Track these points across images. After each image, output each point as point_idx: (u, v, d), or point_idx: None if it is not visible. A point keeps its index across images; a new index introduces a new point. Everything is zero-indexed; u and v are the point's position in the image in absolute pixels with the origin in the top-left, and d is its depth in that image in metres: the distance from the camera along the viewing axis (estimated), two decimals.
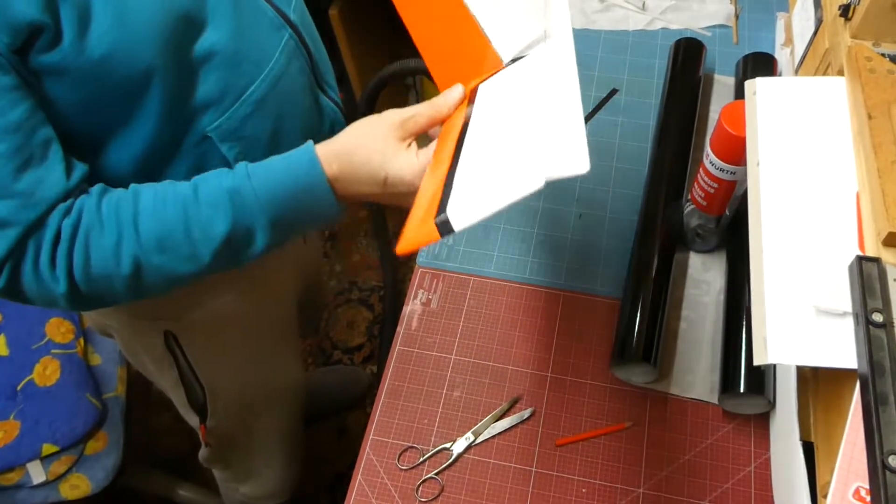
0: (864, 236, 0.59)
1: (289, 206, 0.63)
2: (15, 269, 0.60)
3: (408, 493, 0.79)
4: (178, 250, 0.62)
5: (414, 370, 0.87)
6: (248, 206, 0.62)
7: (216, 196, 0.62)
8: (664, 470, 0.78)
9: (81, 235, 0.61)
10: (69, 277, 0.61)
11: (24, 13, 0.54)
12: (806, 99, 0.70)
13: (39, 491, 1.13)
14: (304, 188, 0.62)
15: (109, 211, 0.62)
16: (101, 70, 0.60)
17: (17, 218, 0.59)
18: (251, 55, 0.72)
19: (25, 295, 0.63)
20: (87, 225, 0.61)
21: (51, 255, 0.60)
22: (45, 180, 0.60)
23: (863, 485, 0.51)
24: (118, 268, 0.62)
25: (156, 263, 0.63)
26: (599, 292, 0.92)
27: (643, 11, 1.22)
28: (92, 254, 0.61)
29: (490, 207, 0.45)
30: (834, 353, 0.56)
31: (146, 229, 0.62)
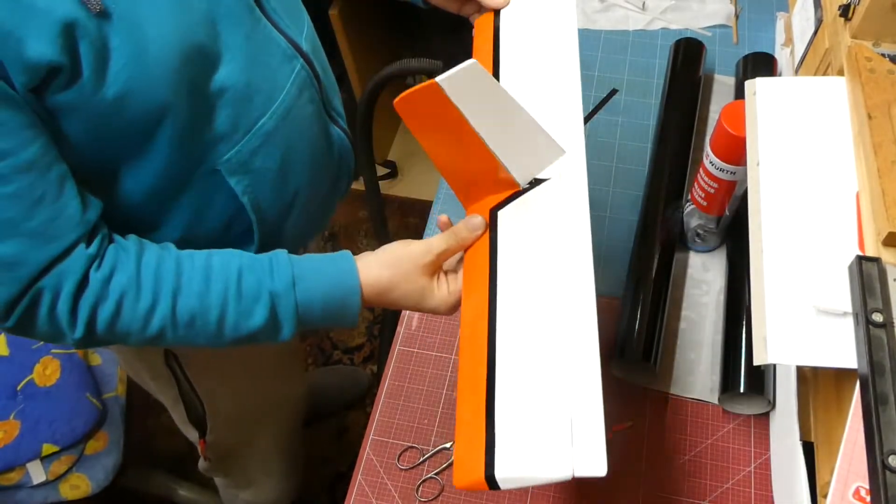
0: (864, 236, 0.59)
1: (319, 317, 0.66)
2: (29, 310, 0.58)
3: (408, 493, 0.79)
4: (206, 329, 0.63)
5: (414, 370, 0.87)
6: (284, 311, 0.64)
7: (258, 292, 0.63)
8: (664, 470, 0.78)
9: (114, 294, 0.60)
10: (89, 327, 0.60)
11: (42, 54, 0.52)
12: (806, 99, 0.70)
13: (39, 491, 1.13)
14: (339, 307, 0.66)
15: (148, 276, 0.61)
16: (116, 107, 0.59)
17: (30, 257, 0.57)
18: (263, 87, 0.71)
19: (32, 334, 0.61)
20: (123, 286, 0.60)
21: (72, 302, 0.59)
22: (60, 217, 0.58)
23: (863, 485, 0.51)
24: (143, 331, 0.62)
25: (180, 335, 0.63)
26: (599, 292, 0.91)
27: (643, 11, 1.22)
28: (123, 314, 0.61)
29: (528, 481, 0.53)
30: (834, 353, 0.56)
31: (183, 306, 0.62)
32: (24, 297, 0.58)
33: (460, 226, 0.66)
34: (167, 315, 0.61)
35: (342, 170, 0.90)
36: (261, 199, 0.75)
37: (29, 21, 0.52)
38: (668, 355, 0.86)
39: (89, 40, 0.55)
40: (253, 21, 0.69)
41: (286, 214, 0.79)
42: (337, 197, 0.92)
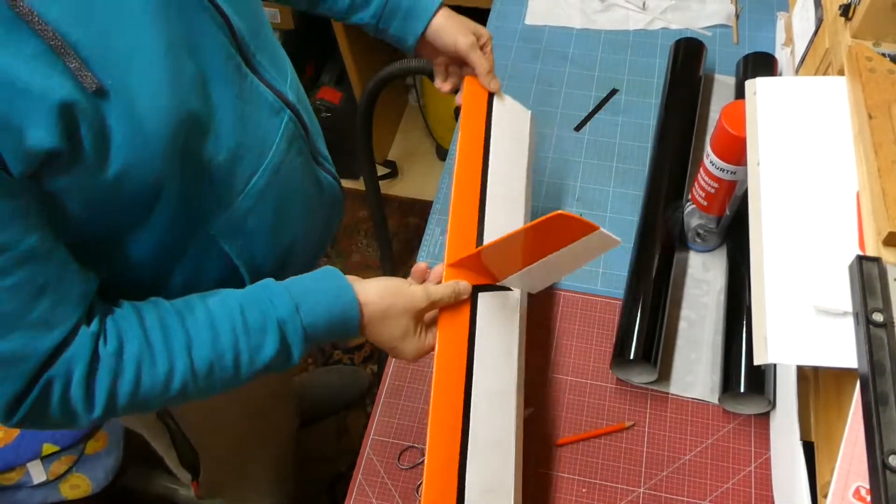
0: (864, 236, 0.59)
1: (324, 334, 0.66)
2: (38, 403, 0.56)
3: (408, 493, 0.79)
4: (224, 374, 0.63)
5: (414, 370, 0.87)
6: (293, 335, 0.64)
7: (264, 324, 0.63)
8: (664, 470, 0.78)
9: (130, 365, 0.58)
10: (109, 404, 0.58)
11: (41, 141, 0.50)
12: (806, 99, 0.70)
13: (40, 490, 1.13)
14: (341, 322, 0.66)
15: (157, 339, 0.60)
16: (115, 184, 0.57)
17: (34, 349, 0.54)
18: (253, 146, 0.69)
19: (42, 425, 0.58)
20: (137, 355, 0.58)
21: (86, 385, 0.57)
22: (62, 302, 0.56)
23: (863, 484, 0.51)
24: (165, 394, 0.60)
25: (201, 386, 0.62)
26: (599, 292, 0.92)
27: (643, 11, 1.22)
28: (143, 383, 0.59)
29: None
30: (834, 352, 0.56)
31: (199, 358, 0.61)
32: (32, 391, 0.55)
33: (458, 288, 0.70)
34: (186, 371, 0.60)
35: (334, 212, 0.90)
36: (256, 257, 0.74)
37: (26, 108, 0.49)
38: (668, 355, 0.86)
39: (88, 122, 0.52)
40: (241, 78, 0.67)
41: (282, 267, 0.78)
42: (329, 238, 0.92)
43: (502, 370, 0.72)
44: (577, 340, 0.88)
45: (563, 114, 1.10)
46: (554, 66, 1.16)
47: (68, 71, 0.50)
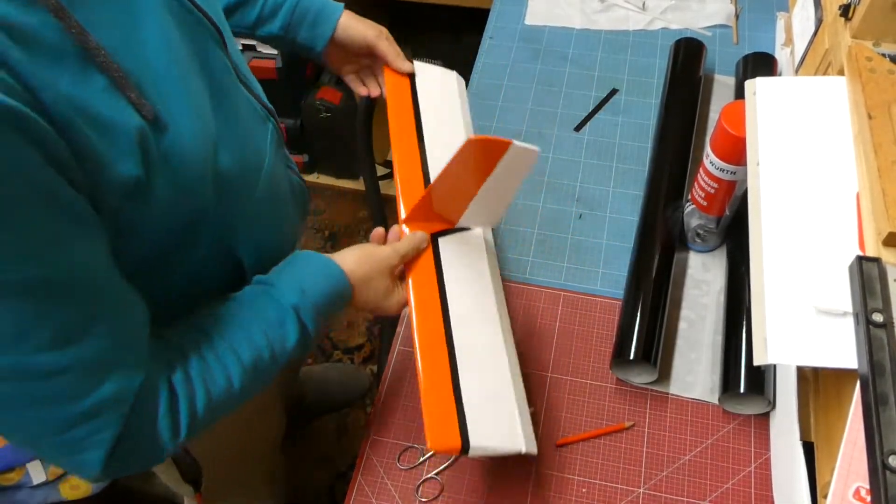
0: (864, 236, 0.59)
1: (327, 311, 0.70)
2: (132, 446, 0.55)
3: (408, 493, 0.79)
4: (265, 367, 0.65)
5: (414, 370, 0.87)
6: (307, 317, 0.67)
7: (283, 315, 0.66)
8: (664, 470, 0.78)
9: (198, 383, 0.59)
10: (190, 426, 0.59)
11: (128, 171, 0.51)
12: (806, 99, 0.70)
13: (39, 491, 1.13)
14: (338, 296, 0.71)
15: (204, 351, 0.61)
16: (169, 210, 0.57)
17: (128, 389, 0.53)
18: (254, 157, 0.71)
19: (128, 468, 0.57)
20: (198, 372, 0.60)
21: (170, 414, 0.57)
22: (141, 338, 0.56)
23: (863, 485, 0.51)
24: (230, 398, 0.62)
25: (252, 382, 0.64)
26: (599, 292, 0.92)
27: (643, 11, 1.22)
28: (212, 394, 0.60)
29: (489, 451, 0.69)
30: (834, 353, 0.56)
31: (244, 357, 0.63)
32: (128, 434, 0.54)
33: (416, 238, 0.76)
34: (238, 373, 0.62)
35: (304, 212, 0.92)
36: (261, 259, 0.75)
37: (112, 140, 0.49)
38: (668, 355, 0.86)
39: (152, 150, 0.53)
40: (236, 90, 0.68)
41: (273, 265, 0.78)
42: (300, 232, 0.93)
43: (477, 294, 0.78)
44: (577, 340, 0.88)
45: (563, 114, 1.10)
46: (554, 66, 1.16)
47: (130, 102, 0.51)
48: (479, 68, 1.17)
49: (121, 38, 0.52)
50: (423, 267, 0.77)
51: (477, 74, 1.16)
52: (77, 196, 0.48)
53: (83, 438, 0.52)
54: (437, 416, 0.67)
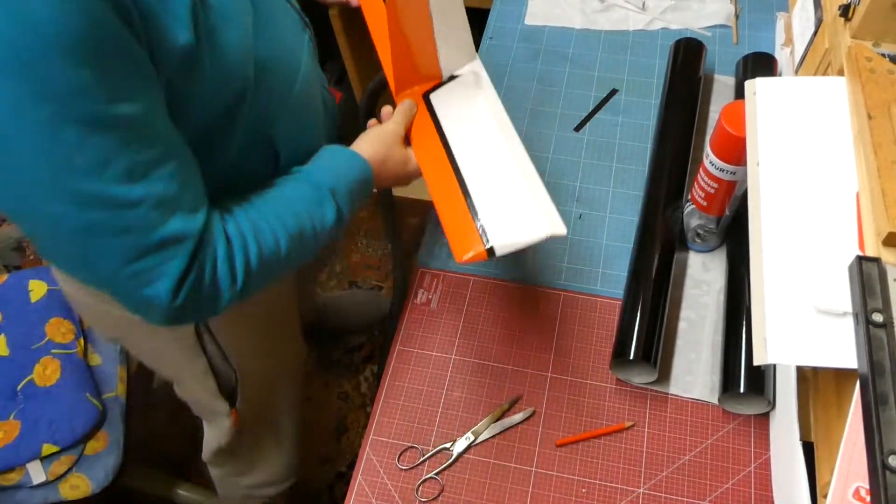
0: (864, 236, 0.59)
1: (356, 196, 0.78)
2: (195, 285, 0.62)
3: (408, 493, 0.79)
4: (307, 241, 0.72)
5: (414, 370, 0.87)
6: (342, 200, 0.75)
7: (321, 196, 0.74)
8: (664, 470, 0.78)
9: (251, 237, 0.66)
10: (246, 276, 0.66)
11: (182, 38, 0.56)
12: (806, 99, 0.70)
13: (39, 491, 1.13)
14: (363, 182, 0.79)
15: (253, 214, 0.68)
16: (215, 86, 0.63)
17: (189, 229, 0.60)
18: (292, 55, 0.76)
19: (192, 312, 0.64)
20: (251, 228, 0.66)
21: (229, 260, 0.64)
22: (199, 190, 0.63)
23: (863, 485, 0.51)
24: (277, 259, 0.68)
25: (297, 252, 0.71)
26: (599, 292, 0.92)
27: (643, 11, 1.22)
28: (263, 250, 0.67)
29: (516, 246, 0.70)
30: (834, 353, 0.56)
31: (290, 225, 0.70)
32: (192, 270, 0.61)
33: (406, 104, 0.85)
34: (286, 237, 0.69)
35: (333, 135, 0.96)
36: (293, 158, 0.80)
37: (169, 6, 0.54)
38: (668, 355, 0.86)
39: (202, 20, 0.58)
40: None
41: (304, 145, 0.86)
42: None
43: (476, 121, 0.83)
44: (577, 340, 0.88)
45: (563, 114, 1.10)
46: (554, 66, 1.16)
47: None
48: None
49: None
50: (420, 122, 0.84)
51: None
52: (144, 55, 0.54)
53: (153, 268, 0.59)
54: (456, 230, 0.72)
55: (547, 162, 1.04)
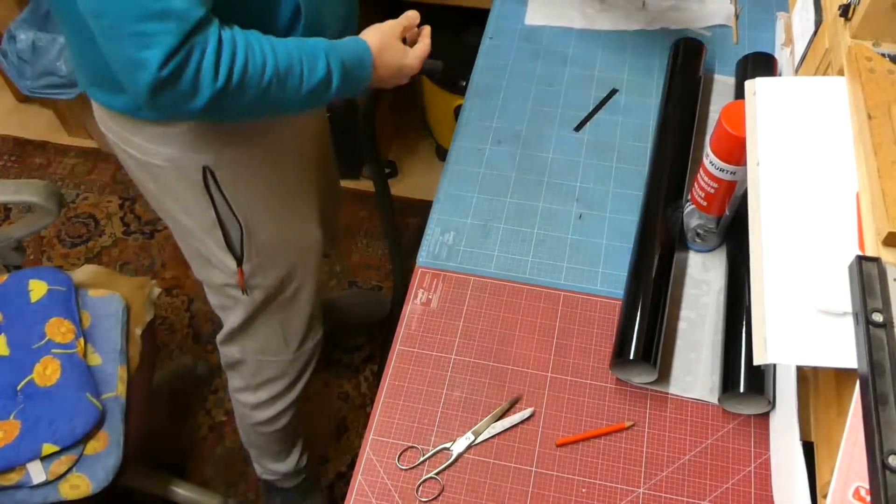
0: (864, 236, 0.59)
1: (351, 69, 0.88)
2: (182, 64, 0.71)
3: (408, 493, 0.79)
4: (293, 82, 0.81)
5: (414, 370, 0.87)
6: (334, 63, 0.84)
7: (315, 52, 0.83)
8: (664, 470, 0.78)
9: (241, 49, 0.75)
10: (227, 78, 0.75)
11: None
12: (806, 99, 0.70)
13: (39, 491, 1.13)
14: (361, 61, 0.90)
15: (251, 38, 0.77)
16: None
17: (190, 14, 0.70)
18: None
19: (173, 91, 0.73)
20: (245, 44, 0.76)
21: (216, 56, 0.73)
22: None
23: (863, 485, 0.51)
24: (259, 82, 0.78)
25: (278, 88, 0.80)
26: (599, 292, 0.92)
27: (643, 11, 1.22)
28: (249, 66, 0.76)
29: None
30: (834, 353, 0.56)
31: (281, 60, 0.79)
32: (181, 50, 0.70)
33: (409, 13, 0.99)
34: (274, 66, 0.78)
35: (353, 19, 1.05)
36: (320, 22, 0.90)
37: None
38: (668, 355, 0.86)
39: None
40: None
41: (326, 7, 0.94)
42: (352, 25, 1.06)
43: None
44: (577, 340, 0.88)
45: (563, 114, 1.10)
46: (554, 66, 1.16)
47: None
48: (479, 68, 1.17)
49: None
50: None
51: (477, 74, 1.16)
52: None
53: (151, 35, 0.69)
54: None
55: (547, 162, 1.04)
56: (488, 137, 1.08)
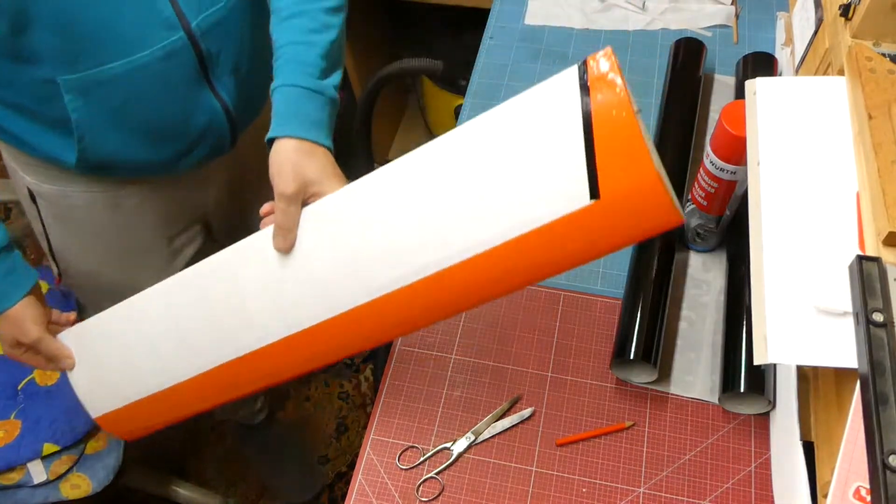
0: (864, 236, 0.59)
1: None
2: None
3: (408, 493, 0.79)
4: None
5: (414, 370, 0.87)
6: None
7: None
8: (664, 470, 0.78)
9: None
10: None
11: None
12: (806, 99, 0.70)
13: (40, 490, 1.13)
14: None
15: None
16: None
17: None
18: (121, 39, 0.76)
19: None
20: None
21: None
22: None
23: (863, 484, 0.51)
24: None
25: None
26: (599, 292, 0.92)
27: (643, 11, 1.22)
28: None
29: None
30: (834, 352, 0.56)
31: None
32: None
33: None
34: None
35: (205, 137, 0.91)
36: (90, 124, 0.81)
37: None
38: (668, 355, 0.86)
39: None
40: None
41: (116, 145, 0.85)
42: (194, 160, 0.93)
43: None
44: (577, 340, 0.88)
45: None
46: (554, 66, 1.16)
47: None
48: (479, 68, 1.17)
49: None
50: None
51: (477, 74, 1.16)
52: None
53: None
54: None
55: None
56: None
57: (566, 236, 0.57)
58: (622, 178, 0.54)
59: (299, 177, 0.69)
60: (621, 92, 0.56)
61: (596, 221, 0.56)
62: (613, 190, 0.55)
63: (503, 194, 0.59)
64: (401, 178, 0.64)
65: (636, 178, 0.54)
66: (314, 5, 0.76)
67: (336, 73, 0.77)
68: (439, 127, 2.09)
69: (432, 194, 0.61)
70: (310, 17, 0.76)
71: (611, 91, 0.56)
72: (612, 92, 0.56)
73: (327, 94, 0.75)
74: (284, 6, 0.77)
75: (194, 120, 0.88)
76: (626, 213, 0.56)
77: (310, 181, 0.69)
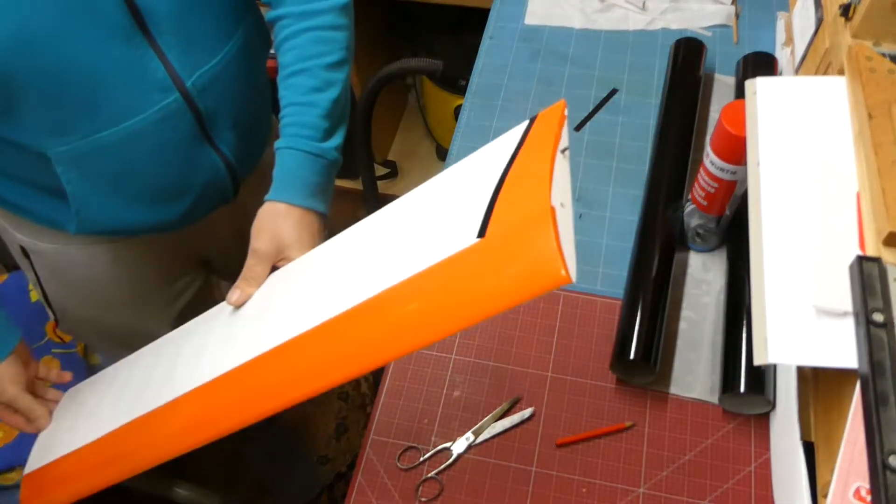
0: (864, 236, 0.59)
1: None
2: None
3: (408, 493, 0.79)
4: None
5: (414, 370, 0.87)
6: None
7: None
8: (664, 470, 0.78)
9: None
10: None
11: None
12: (806, 99, 0.70)
13: None
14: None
15: None
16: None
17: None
18: (114, 105, 0.73)
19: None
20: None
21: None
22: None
23: (863, 484, 0.51)
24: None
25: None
26: (599, 292, 0.92)
27: (643, 11, 1.22)
28: None
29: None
30: (834, 353, 0.56)
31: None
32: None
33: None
34: None
35: (207, 193, 0.90)
36: (86, 194, 0.79)
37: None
38: (668, 355, 0.86)
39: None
40: (126, 43, 0.70)
41: (115, 211, 0.83)
42: (197, 215, 0.92)
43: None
44: (577, 340, 0.88)
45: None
46: (554, 66, 1.16)
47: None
48: (479, 68, 1.17)
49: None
50: None
51: (477, 74, 1.16)
52: None
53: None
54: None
55: None
56: (488, 137, 1.08)
57: (448, 282, 0.54)
58: (512, 220, 0.53)
59: (276, 239, 0.72)
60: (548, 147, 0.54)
61: (478, 261, 0.53)
62: (501, 231, 0.53)
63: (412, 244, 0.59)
64: (339, 249, 0.66)
65: (526, 218, 0.52)
66: (316, 62, 0.75)
67: (339, 132, 0.77)
68: (439, 127, 2.09)
69: (361, 263, 0.63)
70: (311, 75, 0.75)
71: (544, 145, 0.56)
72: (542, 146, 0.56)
73: (328, 158, 0.76)
74: (288, 63, 0.76)
75: (195, 178, 0.86)
76: (509, 256, 0.53)
77: (284, 245, 0.72)
